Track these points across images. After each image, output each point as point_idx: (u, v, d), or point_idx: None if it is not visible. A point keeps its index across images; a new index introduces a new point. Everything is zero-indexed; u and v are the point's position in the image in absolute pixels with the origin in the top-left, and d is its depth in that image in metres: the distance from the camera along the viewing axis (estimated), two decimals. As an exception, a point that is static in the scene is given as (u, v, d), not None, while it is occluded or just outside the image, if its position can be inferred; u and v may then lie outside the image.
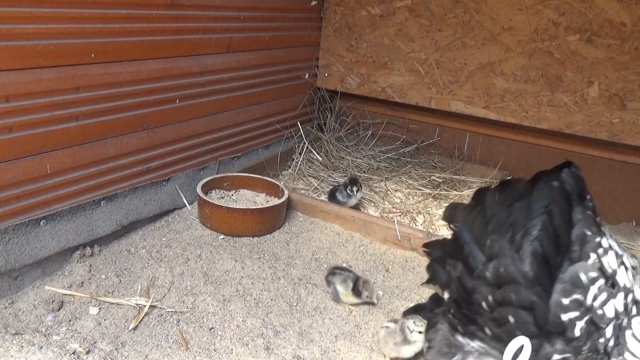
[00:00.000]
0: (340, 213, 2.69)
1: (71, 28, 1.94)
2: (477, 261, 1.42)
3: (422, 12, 3.30)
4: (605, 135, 2.99)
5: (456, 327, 1.51)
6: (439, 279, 1.64)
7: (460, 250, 1.50)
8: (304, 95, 3.59)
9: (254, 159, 3.15)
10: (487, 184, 3.25)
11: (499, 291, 1.35)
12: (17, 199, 1.89)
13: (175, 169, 2.62)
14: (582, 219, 1.38)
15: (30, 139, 1.89)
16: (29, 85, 1.84)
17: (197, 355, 1.74)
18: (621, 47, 2.84)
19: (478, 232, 1.47)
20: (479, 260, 1.42)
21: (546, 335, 1.32)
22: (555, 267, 1.33)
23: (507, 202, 1.45)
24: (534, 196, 1.40)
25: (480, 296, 1.39)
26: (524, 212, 1.39)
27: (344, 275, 2.11)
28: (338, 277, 2.11)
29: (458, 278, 1.47)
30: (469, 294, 1.43)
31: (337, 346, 1.86)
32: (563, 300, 1.29)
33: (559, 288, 1.31)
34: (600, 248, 1.34)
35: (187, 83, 2.55)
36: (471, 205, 1.56)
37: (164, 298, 2.00)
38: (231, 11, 2.72)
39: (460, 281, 1.46)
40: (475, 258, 1.43)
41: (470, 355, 1.48)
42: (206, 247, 2.37)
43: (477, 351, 1.47)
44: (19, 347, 1.64)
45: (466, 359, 1.49)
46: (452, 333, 1.54)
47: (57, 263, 2.08)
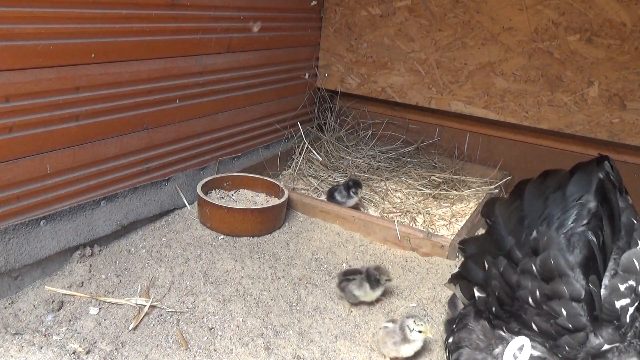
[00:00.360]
0: (340, 213, 2.69)
1: (71, 28, 1.94)
2: (518, 255, 1.41)
3: (422, 12, 3.30)
4: (605, 135, 2.99)
5: (498, 325, 1.49)
6: (473, 276, 1.60)
7: (499, 245, 1.48)
8: (304, 95, 3.59)
9: (254, 159, 3.15)
10: (487, 183, 3.25)
11: (549, 285, 1.33)
12: (17, 199, 1.89)
13: (175, 169, 2.62)
14: (627, 207, 1.39)
15: (30, 139, 1.89)
16: (29, 85, 1.84)
17: (197, 355, 1.74)
18: (621, 47, 2.84)
19: (514, 226, 1.46)
20: (518, 255, 1.41)
21: (595, 326, 1.31)
22: (606, 255, 1.32)
23: (544, 194, 1.45)
24: (570, 187, 1.41)
25: (526, 291, 1.37)
26: (560, 203, 1.39)
27: (358, 279, 2.06)
28: (352, 283, 2.06)
29: (501, 274, 1.44)
30: (513, 290, 1.40)
31: (337, 346, 1.86)
32: (620, 287, 1.29)
33: (614, 275, 1.31)
34: None
35: (187, 83, 2.55)
36: (509, 199, 1.56)
37: (164, 298, 2.00)
38: (231, 11, 2.72)
39: (503, 277, 1.43)
40: (516, 252, 1.42)
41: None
42: (206, 247, 2.37)
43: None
44: (19, 347, 1.64)
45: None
46: (491, 329, 1.53)
47: (57, 263, 2.08)
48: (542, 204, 1.43)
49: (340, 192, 2.85)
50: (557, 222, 1.37)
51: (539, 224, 1.39)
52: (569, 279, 1.30)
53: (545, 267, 1.34)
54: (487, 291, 1.52)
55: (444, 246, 2.45)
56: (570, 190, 1.41)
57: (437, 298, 2.20)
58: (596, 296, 1.28)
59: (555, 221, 1.37)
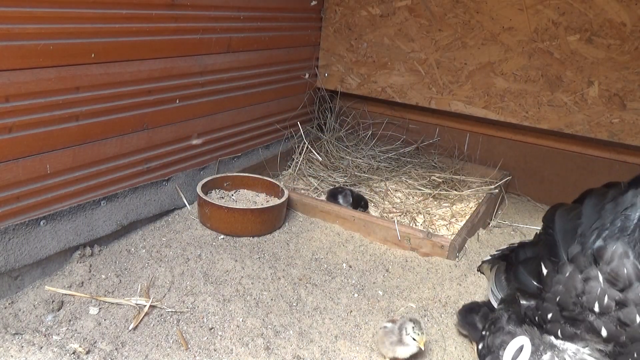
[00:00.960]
0: (340, 213, 2.69)
1: (71, 28, 1.94)
2: (582, 262, 1.45)
3: (422, 12, 3.30)
4: (605, 135, 2.99)
5: (551, 329, 1.52)
6: (523, 281, 1.62)
7: (555, 252, 1.52)
8: (304, 95, 3.59)
9: (254, 159, 3.15)
10: (487, 183, 3.25)
11: (623, 292, 1.37)
12: (17, 199, 1.89)
13: (175, 169, 2.62)
14: None
15: (30, 139, 1.89)
16: (29, 85, 1.84)
17: (197, 355, 1.74)
18: (621, 47, 2.84)
19: (573, 233, 1.51)
20: (582, 261, 1.45)
21: None
22: None
23: (600, 204, 1.52)
24: (624, 197, 1.48)
25: (593, 296, 1.40)
26: (611, 213, 1.46)
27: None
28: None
29: (567, 279, 1.47)
30: (577, 296, 1.44)
31: (337, 346, 1.86)
32: None
33: None
34: None
35: (187, 83, 2.55)
36: (571, 206, 1.60)
37: (164, 298, 2.00)
38: (231, 11, 2.72)
39: (569, 282, 1.47)
40: (580, 258, 1.46)
41: (565, 353, 1.49)
42: (206, 247, 2.37)
43: (574, 353, 1.48)
44: (19, 347, 1.64)
45: (560, 355, 1.50)
46: (540, 335, 1.56)
47: (57, 263, 2.08)
48: (599, 213, 1.50)
49: (345, 197, 2.86)
50: (618, 230, 1.43)
51: (601, 231, 1.46)
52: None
53: (615, 275, 1.39)
54: (542, 297, 1.55)
55: (444, 246, 2.46)
56: (627, 198, 1.47)
57: (437, 298, 2.20)
58: None
59: (617, 229, 1.43)
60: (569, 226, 1.53)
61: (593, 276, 1.42)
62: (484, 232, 2.81)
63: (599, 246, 1.43)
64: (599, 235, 1.44)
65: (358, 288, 2.22)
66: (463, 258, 2.52)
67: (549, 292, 1.53)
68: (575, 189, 3.35)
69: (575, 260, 1.47)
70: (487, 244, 2.70)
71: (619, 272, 1.38)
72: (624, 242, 1.40)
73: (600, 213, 1.49)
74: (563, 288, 1.49)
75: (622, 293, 1.38)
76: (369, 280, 2.29)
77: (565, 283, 1.49)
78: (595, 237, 1.45)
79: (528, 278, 1.62)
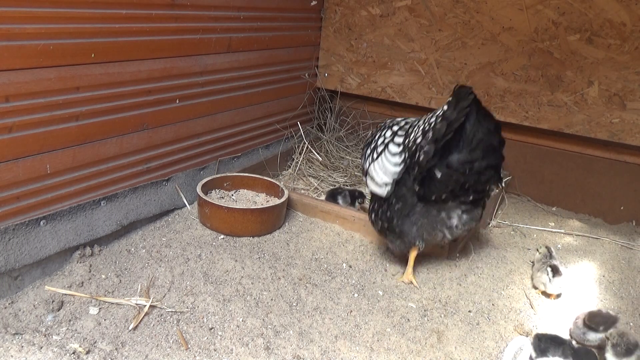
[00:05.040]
0: (340, 213, 2.69)
1: (71, 28, 1.94)
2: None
3: (422, 12, 3.30)
4: (605, 135, 2.99)
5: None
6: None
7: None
8: (304, 95, 3.59)
9: (254, 159, 3.15)
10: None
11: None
12: (17, 199, 1.89)
13: (175, 169, 2.62)
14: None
15: (30, 139, 1.89)
16: (29, 85, 1.84)
17: (197, 355, 1.74)
18: (621, 47, 2.84)
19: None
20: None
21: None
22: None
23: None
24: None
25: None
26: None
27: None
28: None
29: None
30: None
31: (337, 346, 1.86)
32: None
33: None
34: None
35: (187, 83, 2.55)
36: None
37: (164, 298, 2.00)
38: (231, 11, 2.72)
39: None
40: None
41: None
42: (206, 247, 2.37)
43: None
44: (19, 347, 1.64)
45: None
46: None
47: (57, 263, 2.08)
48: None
49: (344, 198, 2.87)
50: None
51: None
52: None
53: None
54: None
55: (444, 246, 2.45)
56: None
57: (437, 298, 2.20)
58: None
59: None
60: None
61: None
62: (484, 232, 2.81)
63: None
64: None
65: (358, 288, 2.22)
66: (463, 258, 2.52)
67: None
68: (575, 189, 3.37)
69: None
70: (487, 244, 2.70)
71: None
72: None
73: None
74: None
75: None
76: (369, 280, 2.29)
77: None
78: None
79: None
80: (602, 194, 3.15)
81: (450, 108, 1.94)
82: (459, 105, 1.92)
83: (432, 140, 1.97)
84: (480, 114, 1.96)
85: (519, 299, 2.27)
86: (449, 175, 2.00)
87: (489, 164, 2.02)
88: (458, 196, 2.08)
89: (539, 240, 2.81)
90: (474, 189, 2.06)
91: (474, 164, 1.99)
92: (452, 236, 2.21)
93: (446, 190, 2.05)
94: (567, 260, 2.65)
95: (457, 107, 1.92)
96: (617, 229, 3.05)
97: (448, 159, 2.00)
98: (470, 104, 1.91)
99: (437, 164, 2.01)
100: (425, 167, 2.02)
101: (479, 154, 1.98)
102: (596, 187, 3.17)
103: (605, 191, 3.14)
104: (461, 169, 1.99)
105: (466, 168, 1.99)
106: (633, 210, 3.09)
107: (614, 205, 3.13)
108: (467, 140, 1.97)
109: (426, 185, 2.06)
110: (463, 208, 2.13)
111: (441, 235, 2.19)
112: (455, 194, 2.07)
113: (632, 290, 2.44)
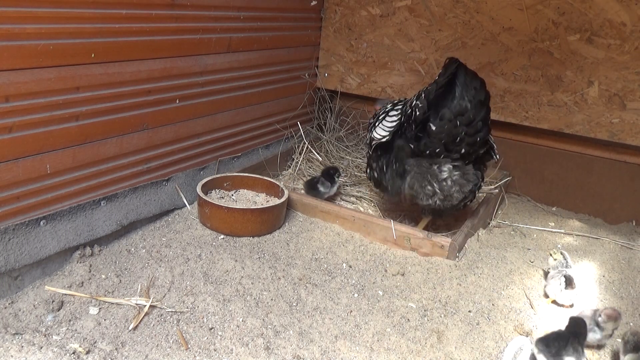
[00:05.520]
0: (340, 213, 2.69)
1: (71, 28, 1.94)
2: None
3: (422, 12, 3.30)
4: (605, 135, 2.99)
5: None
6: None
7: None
8: (304, 95, 3.59)
9: (254, 159, 3.15)
10: (487, 183, 3.25)
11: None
12: (17, 199, 1.89)
13: (175, 169, 2.62)
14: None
15: (30, 139, 1.89)
16: (29, 85, 1.84)
17: (197, 355, 1.74)
18: (621, 47, 2.84)
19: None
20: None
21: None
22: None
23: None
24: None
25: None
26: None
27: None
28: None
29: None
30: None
31: (337, 346, 1.86)
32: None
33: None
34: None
35: (187, 83, 2.55)
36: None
37: (164, 298, 2.00)
38: (231, 11, 2.72)
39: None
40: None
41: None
42: (206, 247, 2.37)
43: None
44: (19, 347, 1.64)
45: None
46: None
47: (57, 263, 2.08)
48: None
49: (323, 184, 2.88)
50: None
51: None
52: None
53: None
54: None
55: (444, 246, 2.46)
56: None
57: (437, 298, 2.20)
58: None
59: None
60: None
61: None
62: (484, 232, 2.81)
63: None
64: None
65: (358, 288, 2.22)
66: (463, 258, 2.52)
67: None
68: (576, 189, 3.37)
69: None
70: (487, 244, 2.70)
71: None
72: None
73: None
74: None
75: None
76: (369, 280, 2.29)
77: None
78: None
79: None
80: (602, 194, 3.15)
81: (441, 74, 2.26)
82: (448, 70, 2.23)
83: (425, 98, 2.27)
84: (467, 74, 2.25)
85: (519, 299, 2.27)
86: (442, 126, 2.24)
87: (477, 116, 2.24)
88: (450, 150, 2.30)
89: (539, 240, 2.81)
90: (465, 142, 2.27)
91: (464, 115, 2.23)
92: (442, 192, 2.36)
93: (440, 144, 2.28)
94: (567, 260, 2.65)
95: (446, 72, 2.23)
96: (617, 229, 3.05)
97: (440, 113, 2.25)
98: (457, 67, 2.22)
99: (430, 118, 2.27)
100: (420, 120, 2.29)
101: (468, 106, 2.22)
102: (596, 187, 3.17)
103: (605, 191, 3.14)
104: (453, 121, 2.23)
105: (457, 120, 2.23)
106: (633, 210, 3.09)
107: (614, 205, 3.13)
108: (458, 96, 2.24)
109: (421, 140, 2.32)
110: (454, 163, 2.33)
111: (430, 189, 2.37)
112: (448, 147, 2.29)
113: (632, 290, 2.44)
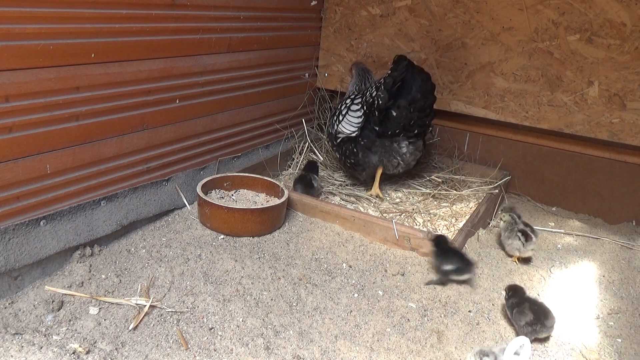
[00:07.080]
0: (340, 213, 2.69)
1: (71, 28, 1.94)
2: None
3: (422, 12, 3.30)
4: (605, 135, 2.99)
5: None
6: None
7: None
8: (304, 95, 3.59)
9: (254, 159, 3.15)
10: (487, 183, 3.25)
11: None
12: (17, 199, 1.89)
13: (175, 169, 2.62)
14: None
15: (30, 139, 1.89)
16: (29, 85, 1.84)
17: (197, 355, 1.74)
18: (621, 47, 2.84)
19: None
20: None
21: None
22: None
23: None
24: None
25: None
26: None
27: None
28: None
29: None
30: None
31: (337, 346, 1.86)
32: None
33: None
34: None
35: (187, 83, 2.55)
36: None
37: (164, 298, 2.00)
38: (231, 11, 2.72)
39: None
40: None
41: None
42: (206, 247, 2.37)
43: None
44: (19, 347, 1.64)
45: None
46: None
47: (57, 263, 2.08)
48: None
49: (315, 179, 2.97)
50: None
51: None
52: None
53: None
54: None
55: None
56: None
57: (437, 298, 2.20)
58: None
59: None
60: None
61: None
62: (484, 232, 2.81)
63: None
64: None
65: (358, 288, 2.22)
66: (463, 258, 2.52)
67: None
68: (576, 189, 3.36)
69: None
70: (487, 244, 2.70)
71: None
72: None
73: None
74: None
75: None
76: (369, 280, 2.29)
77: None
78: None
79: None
80: (602, 194, 3.15)
81: (393, 69, 2.81)
82: (399, 66, 2.78)
83: (386, 89, 2.80)
84: (415, 70, 2.81)
85: (519, 299, 2.27)
86: (401, 112, 2.82)
87: (427, 103, 2.85)
88: (407, 130, 2.88)
89: (539, 240, 2.81)
90: (418, 124, 2.87)
91: (417, 103, 2.81)
92: (404, 162, 2.98)
93: (399, 126, 2.86)
94: (567, 260, 2.65)
95: (398, 68, 2.78)
96: (617, 229, 3.05)
97: (398, 102, 2.82)
98: (407, 63, 2.78)
99: (391, 107, 2.83)
100: (383, 109, 2.83)
101: (419, 95, 2.81)
102: (596, 187, 3.17)
103: (605, 191, 3.15)
104: (409, 107, 2.81)
105: (412, 106, 2.81)
106: (633, 210, 3.09)
107: (614, 205, 3.14)
108: (411, 88, 2.80)
109: (384, 124, 2.88)
110: (409, 140, 2.92)
111: (396, 161, 2.97)
112: (405, 128, 2.87)
113: (632, 290, 2.44)
